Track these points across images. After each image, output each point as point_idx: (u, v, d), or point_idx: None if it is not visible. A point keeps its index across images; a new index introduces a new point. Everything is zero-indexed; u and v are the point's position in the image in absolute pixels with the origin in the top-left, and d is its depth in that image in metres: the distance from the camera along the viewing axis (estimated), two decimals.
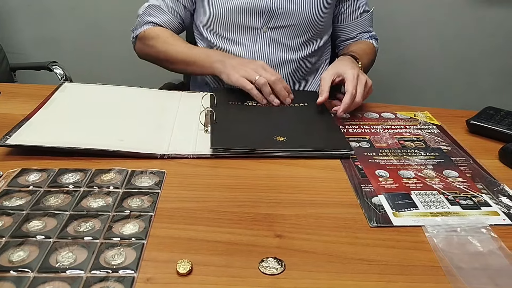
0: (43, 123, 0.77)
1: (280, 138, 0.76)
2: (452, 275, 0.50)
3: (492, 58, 1.87)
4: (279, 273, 0.49)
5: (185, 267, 0.48)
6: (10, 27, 1.95)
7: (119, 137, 0.74)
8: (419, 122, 0.89)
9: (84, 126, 0.77)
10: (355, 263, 0.51)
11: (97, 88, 0.92)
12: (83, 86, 0.93)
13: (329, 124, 0.84)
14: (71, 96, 0.88)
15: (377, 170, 0.71)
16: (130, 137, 0.74)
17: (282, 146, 0.74)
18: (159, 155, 0.71)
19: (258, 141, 0.75)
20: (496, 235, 0.56)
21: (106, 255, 0.50)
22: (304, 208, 0.61)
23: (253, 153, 0.73)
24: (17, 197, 0.60)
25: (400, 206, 0.61)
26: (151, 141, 0.74)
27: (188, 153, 0.72)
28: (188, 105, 0.88)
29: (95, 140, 0.72)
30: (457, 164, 0.73)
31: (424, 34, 1.85)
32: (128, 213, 0.57)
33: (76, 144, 0.70)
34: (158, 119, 0.82)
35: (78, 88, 0.92)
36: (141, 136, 0.76)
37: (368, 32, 1.15)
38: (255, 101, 0.90)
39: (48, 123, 0.77)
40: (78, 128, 0.76)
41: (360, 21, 1.12)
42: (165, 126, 0.80)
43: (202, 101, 0.88)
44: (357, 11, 1.11)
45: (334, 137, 0.79)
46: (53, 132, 0.74)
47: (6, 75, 1.71)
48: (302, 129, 0.81)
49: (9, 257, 0.49)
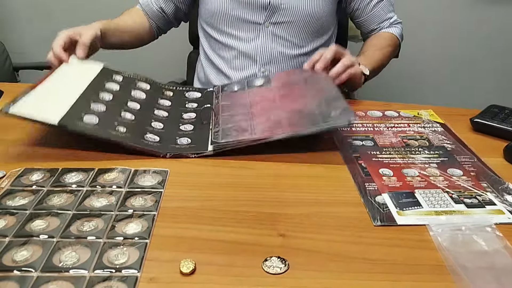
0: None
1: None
2: (457, 274, 0.49)
3: (495, 56, 1.87)
4: (282, 272, 0.49)
5: (188, 267, 0.48)
6: (13, 27, 1.95)
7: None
8: (423, 120, 0.88)
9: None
10: (359, 262, 0.51)
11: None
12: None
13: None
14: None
15: (381, 168, 0.70)
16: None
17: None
18: (161, 154, 0.71)
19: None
20: (501, 234, 0.55)
21: (109, 254, 0.50)
22: (307, 207, 0.61)
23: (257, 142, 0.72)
24: (20, 197, 0.60)
25: (404, 205, 0.61)
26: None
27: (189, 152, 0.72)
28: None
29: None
30: (461, 162, 0.73)
31: (428, 33, 1.84)
32: (131, 213, 0.57)
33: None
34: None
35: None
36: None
37: (387, 20, 1.12)
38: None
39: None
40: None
41: (375, 12, 1.10)
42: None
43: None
44: (370, 3, 1.09)
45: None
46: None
47: (9, 75, 1.71)
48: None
49: (13, 257, 0.49)
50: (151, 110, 0.83)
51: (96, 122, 0.72)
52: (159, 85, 0.92)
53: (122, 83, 0.86)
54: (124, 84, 0.86)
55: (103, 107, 0.77)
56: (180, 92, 0.92)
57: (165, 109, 0.85)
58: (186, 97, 0.91)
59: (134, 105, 0.81)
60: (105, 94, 0.80)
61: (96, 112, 0.75)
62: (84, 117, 0.72)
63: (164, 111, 0.84)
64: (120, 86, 0.85)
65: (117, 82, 0.85)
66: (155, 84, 0.91)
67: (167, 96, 0.90)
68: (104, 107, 0.77)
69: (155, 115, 0.82)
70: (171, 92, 0.91)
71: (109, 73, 0.87)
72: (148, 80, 0.91)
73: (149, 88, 0.89)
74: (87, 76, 0.84)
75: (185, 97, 0.91)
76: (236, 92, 0.91)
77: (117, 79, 0.86)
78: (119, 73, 0.88)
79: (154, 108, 0.84)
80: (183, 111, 0.86)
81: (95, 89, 0.81)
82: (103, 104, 0.77)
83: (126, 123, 0.75)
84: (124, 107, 0.79)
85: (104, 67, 0.88)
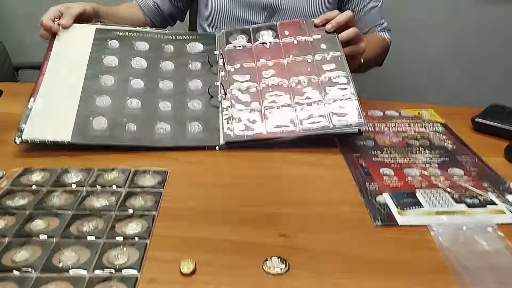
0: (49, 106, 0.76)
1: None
2: (458, 274, 0.49)
3: (497, 56, 1.86)
4: (283, 272, 0.48)
5: (188, 267, 0.48)
6: (13, 26, 1.95)
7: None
8: (424, 120, 0.88)
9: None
10: (360, 262, 0.51)
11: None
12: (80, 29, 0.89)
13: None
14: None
15: (382, 168, 0.70)
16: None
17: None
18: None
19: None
20: (502, 234, 0.55)
21: (109, 254, 0.49)
22: (308, 207, 0.61)
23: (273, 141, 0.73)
24: (20, 197, 0.59)
25: (405, 205, 0.61)
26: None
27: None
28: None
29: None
30: (462, 162, 0.73)
31: (429, 32, 1.84)
32: (131, 213, 0.57)
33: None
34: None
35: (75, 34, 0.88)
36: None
37: (379, 25, 1.13)
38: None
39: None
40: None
41: (369, 16, 1.11)
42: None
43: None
44: (364, 8, 1.10)
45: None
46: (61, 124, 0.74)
47: (9, 75, 1.71)
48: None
49: (12, 257, 0.49)
50: (156, 84, 0.81)
51: (106, 125, 0.74)
52: (158, 38, 0.89)
53: (119, 50, 0.85)
54: (122, 52, 0.85)
55: (108, 100, 0.77)
56: (181, 45, 0.89)
57: (170, 78, 0.83)
58: (188, 51, 0.88)
59: (137, 83, 0.81)
60: (106, 78, 0.80)
61: (102, 109, 0.76)
62: (93, 122, 0.74)
63: (169, 81, 0.82)
64: (119, 59, 0.84)
65: (114, 52, 0.85)
66: (153, 39, 0.89)
67: (169, 54, 0.87)
68: (109, 100, 0.77)
69: (160, 90, 0.81)
70: (171, 45, 0.88)
71: (104, 41, 0.86)
72: (145, 35, 0.89)
73: (148, 48, 0.87)
74: (83, 51, 0.84)
75: (187, 52, 0.88)
76: (241, 50, 0.87)
77: (113, 46, 0.85)
78: (114, 35, 0.87)
79: (158, 79, 0.82)
80: (187, 77, 0.83)
81: (95, 72, 0.81)
82: (107, 96, 0.78)
83: (134, 115, 0.76)
84: (128, 91, 0.79)
85: (97, 30, 0.88)
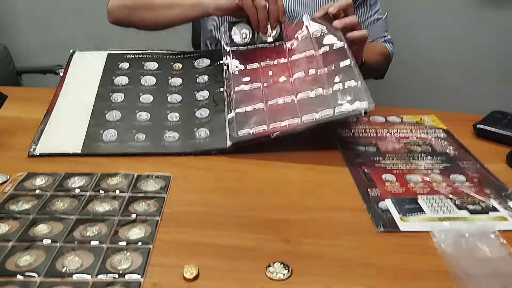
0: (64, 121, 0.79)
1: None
2: (461, 280, 0.49)
3: (499, 62, 1.86)
4: (286, 278, 0.49)
5: (191, 272, 0.48)
6: (16, 31, 1.96)
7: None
8: (426, 126, 0.88)
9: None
10: (362, 268, 0.51)
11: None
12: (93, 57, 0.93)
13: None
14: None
15: (384, 174, 0.70)
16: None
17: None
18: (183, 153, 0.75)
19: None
20: (504, 241, 0.55)
21: (113, 259, 0.50)
22: (310, 212, 0.61)
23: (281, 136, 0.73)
24: (23, 201, 0.60)
25: (407, 211, 0.61)
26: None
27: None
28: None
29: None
30: (464, 168, 0.73)
31: (431, 38, 1.84)
32: (134, 218, 0.57)
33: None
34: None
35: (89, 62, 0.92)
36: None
37: (382, 37, 1.14)
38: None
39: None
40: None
41: (373, 27, 1.11)
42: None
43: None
44: (368, 20, 1.10)
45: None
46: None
47: (13, 79, 1.72)
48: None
49: (16, 262, 0.49)
50: (164, 98, 0.84)
51: (115, 137, 0.75)
52: (167, 57, 0.93)
53: (129, 71, 0.89)
54: (131, 73, 0.88)
55: (118, 114, 0.80)
56: (189, 61, 0.92)
57: (178, 91, 0.85)
58: (196, 67, 0.90)
59: (146, 98, 0.83)
60: (116, 95, 0.83)
61: (113, 122, 0.78)
62: (103, 134, 0.75)
63: (177, 95, 0.85)
64: (129, 78, 0.87)
65: (125, 72, 0.88)
66: (162, 59, 0.92)
67: (177, 71, 0.90)
68: (119, 114, 0.79)
69: (169, 103, 0.83)
70: (179, 64, 0.91)
71: (115, 64, 0.90)
72: (154, 56, 0.93)
73: (157, 67, 0.90)
74: (95, 74, 0.88)
75: (195, 68, 0.90)
76: (246, 51, 0.87)
77: (123, 68, 0.89)
78: (125, 58, 0.92)
79: (167, 94, 0.84)
80: (195, 89, 0.85)
81: (105, 91, 0.84)
82: (117, 110, 0.80)
83: (143, 126, 0.78)
84: (137, 105, 0.82)
85: (108, 56, 0.92)
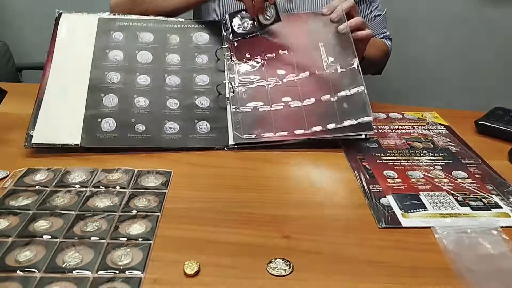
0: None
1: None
2: (463, 277, 0.49)
3: (500, 58, 1.86)
4: (287, 274, 0.48)
5: (192, 268, 0.48)
6: (16, 27, 1.95)
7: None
8: (427, 123, 0.88)
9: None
10: (364, 264, 0.51)
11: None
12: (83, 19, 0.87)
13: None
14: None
15: (385, 170, 0.70)
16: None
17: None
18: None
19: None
20: (507, 237, 0.55)
21: (113, 255, 0.49)
22: (312, 208, 0.60)
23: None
24: (23, 197, 0.59)
25: (409, 207, 0.61)
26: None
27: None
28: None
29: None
30: (466, 164, 0.73)
31: (432, 34, 1.84)
32: (134, 213, 0.57)
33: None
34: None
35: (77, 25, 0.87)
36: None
37: (381, 34, 1.14)
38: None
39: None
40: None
41: (373, 24, 1.11)
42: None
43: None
44: (367, 16, 1.10)
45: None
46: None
47: (13, 75, 1.72)
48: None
49: (16, 257, 0.49)
50: (162, 80, 0.81)
51: (114, 127, 0.74)
52: (162, 27, 0.87)
53: (124, 42, 0.84)
54: (126, 45, 0.84)
55: (114, 99, 0.77)
56: (186, 35, 0.87)
57: (176, 72, 0.82)
58: (194, 42, 0.86)
59: (143, 80, 0.80)
60: (112, 74, 0.79)
61: (110, 109, 0.76)
62: (101, 123, 0.74)
63: (176, 76, 0.81)
64: (124, 53, 0.82)
65: (119, 45, 0.83)
66: (157, 29, 0.87)
67: (174, 45, 0.85)
68: (116, 99, 0.77)
69: (168, 86, 0.80)
70: (176, 36, 0.86)
71: (108, 31, 0.85)
72: (149, 24, 0.87)
73: (152, 39, 0.85)
74: (87, 44, 0.83)
75: (193, 43, 0.86)
76: (249, 40, 0.86)
77: (117, 39, 0.84)
78: (117, 26, 0.86)
79: (164, 74, 0.81)
80: (194, 71, 0.83)
81: (100, 68, 0.80)
82: (113, 95, 0.77)
83: (142, 114, 0.76)
84: (134, 89, 0.79)
85: (99, 20, 0.86)
